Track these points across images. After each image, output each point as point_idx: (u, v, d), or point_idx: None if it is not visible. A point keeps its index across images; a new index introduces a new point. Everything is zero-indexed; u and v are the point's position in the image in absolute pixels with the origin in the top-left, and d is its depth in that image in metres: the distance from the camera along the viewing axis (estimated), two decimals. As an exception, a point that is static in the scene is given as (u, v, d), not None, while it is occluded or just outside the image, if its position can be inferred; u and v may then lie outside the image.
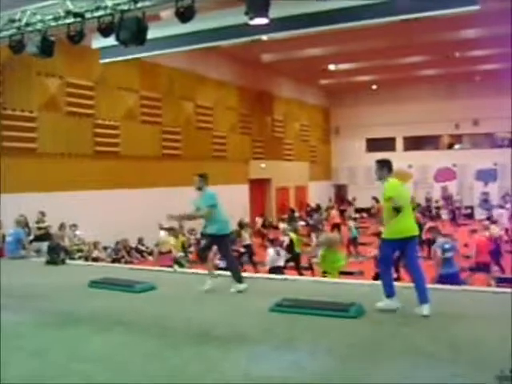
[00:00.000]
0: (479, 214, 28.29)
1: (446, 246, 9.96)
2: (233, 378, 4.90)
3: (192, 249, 18.48)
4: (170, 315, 7.24)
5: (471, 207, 30.08)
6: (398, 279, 11.14)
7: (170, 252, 13.84)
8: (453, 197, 30.46)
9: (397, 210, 6.66)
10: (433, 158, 32.39)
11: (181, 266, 13.87)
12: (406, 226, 6.85)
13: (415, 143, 33.95)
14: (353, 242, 18.66)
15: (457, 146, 33.82)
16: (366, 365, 5.12)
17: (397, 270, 11.63)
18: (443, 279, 9.49)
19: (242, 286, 8.53)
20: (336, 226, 21.10)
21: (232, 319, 6.98)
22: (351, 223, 19.42)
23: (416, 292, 6.71)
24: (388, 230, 6.93)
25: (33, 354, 5.71)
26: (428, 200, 31.05)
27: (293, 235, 15.31)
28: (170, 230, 15.60)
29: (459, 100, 31.01)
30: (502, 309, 6.70)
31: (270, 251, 12.89)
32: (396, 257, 8.33)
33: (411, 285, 7.01)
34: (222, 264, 10.98)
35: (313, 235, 17.44)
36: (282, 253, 13.11)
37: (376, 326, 6.37)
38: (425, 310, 6.60)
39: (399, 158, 33.31)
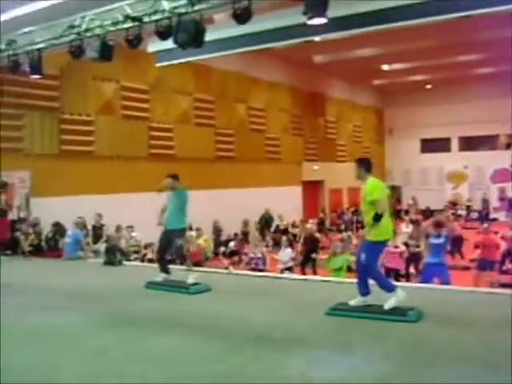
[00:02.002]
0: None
1: (435, 237, 10.43)
2: (291, 380, 4.87)
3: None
4: (226, 317, 7.24)
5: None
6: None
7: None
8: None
9: (378, 218, 6.61)
10: (489, 159, 31.64)
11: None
12: (390, 227, 7.02)
13: (471, 143, 33.22)
14: None
15: (514, 146, 32.98)
16: (423, 370, 5.01)
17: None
18: (427, 268, 10.32)
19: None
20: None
21: (288, 321, 6.94)
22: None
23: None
24: (376, 231, 6.74)
25: (91, 354, 5.79)
26: (485, 201, 30.39)
27: None
28: (197, 229, 15.96)
29: (516, 99, 30.23)
30: None
31: None
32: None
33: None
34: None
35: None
36: None
37: (435, 332, 6.24)
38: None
39: (455, 159, 32.95)
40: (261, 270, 13.44)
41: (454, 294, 8.41)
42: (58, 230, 14.18)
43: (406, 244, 13.60)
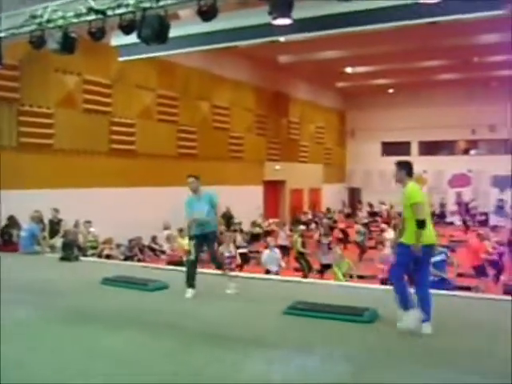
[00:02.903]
0: (495, 220, 28.05)
1: None
2: (249, 380, 4.89)
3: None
4: (184, 315, 7.22)
5: (486, 214, 29.82)
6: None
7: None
8: (469, 203, 30.25)
9: (421, 224, 6.12)
10: (448, 164, 32.18)
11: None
12: (433, 231, 6.43)
13: (430, 148, 33.74)
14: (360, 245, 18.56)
15: (472, 152, 33.57)
16: (380, 370, 5.08)
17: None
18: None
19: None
20: (341, 231, 21.01)
21: (246, 321, 6.95)
22: (358, 227, 19.40)
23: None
24: (409, 234, 6.27)
25: (46, 350, 5.72)
26: (442, 206, 30.89)
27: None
28: (180, 230, 15.76)
29: (476, 105, 30.76)
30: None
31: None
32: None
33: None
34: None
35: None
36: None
37: (390, 332, 6.31)
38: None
39: (414, 163, 33.26)
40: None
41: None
42: (12, 223, 13.94)
43: None
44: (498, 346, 5.73)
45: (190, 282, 8.42)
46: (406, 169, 6.58)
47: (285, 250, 16.98)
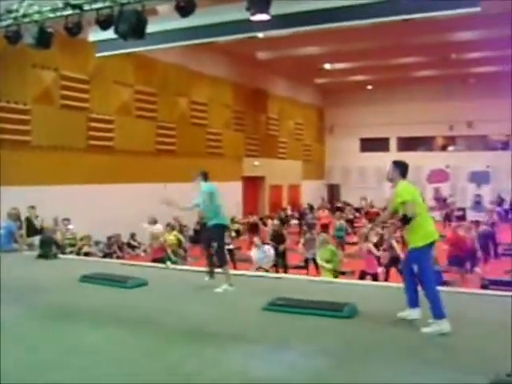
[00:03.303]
0: (472, 216, 28.32)
1: None
2: (228, 376, 4.88)
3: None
4: (163, 311, 7.20)
5: (463, 209, 30.08)
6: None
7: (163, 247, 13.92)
8: (447, 199, 30.47)
9: (406, 220, 6.21)
10: (426, 159, 32.37)
11: (173, 262, 13.77)
12: (432, 228, 6.43)
13: (409, 144, 33.93)
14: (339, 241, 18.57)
15: (450, 148, 33.91)
16: (359, 365, 5.11)
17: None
18: None
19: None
20: (325, 226, 21.05)
21: (225, 317, 6.95)
22: (338, 222, 19.43)
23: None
24: (416, 236, 6.28)
25: (24, 347, 5.67)
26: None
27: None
28: (168, 225, 15.65)
29: (454, 102, 31.03)
30: (499, 312, 6.70)
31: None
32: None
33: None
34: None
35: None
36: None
37: (369, 327, 6.35)
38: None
39: (393, 158, 33.48)
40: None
41: (388, 291, 8.57)
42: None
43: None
44: (473, 338, 5.79)
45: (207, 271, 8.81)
46: (400, 168, 6.60)
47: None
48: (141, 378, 4.87)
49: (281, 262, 14.38)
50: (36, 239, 13.41)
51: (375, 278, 11.86)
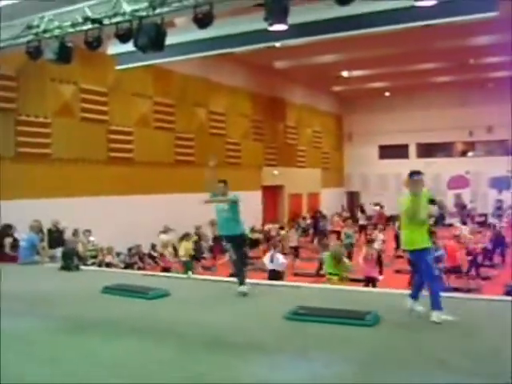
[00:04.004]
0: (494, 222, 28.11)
1: None
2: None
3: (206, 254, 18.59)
4: (184, 322, 7.21)
5: (485, 215, 29.84)
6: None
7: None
8: (467, 205, 30.23)
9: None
10: (446, 166, 32.20)
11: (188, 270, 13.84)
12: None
13: (428, 150, 33.77)
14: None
15: (470, 154, 33.62)
16: (382, 374, 5.08)
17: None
18: None
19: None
20: (336, 233, 21.04)
21: (247, 326, 6.94)
22: (346, 230, 19.51)
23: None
24: (426, 238, 7.06)
25: (47, 360, 5.70)
26: (441, 208, 30.82)
27: None
28: (186, 235, 15.71)
29: (473, 107, 30.84)
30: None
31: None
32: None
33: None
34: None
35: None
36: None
37: (392, 335, 6.32)
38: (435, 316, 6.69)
39: (412, 165, 33.34)
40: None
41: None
42: (5, 232, 13.83)
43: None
44: (501, 347, 5.73)
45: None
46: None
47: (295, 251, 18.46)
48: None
49: None
50: (58, 251, 13.53)
51: (374, 282, 12.45)
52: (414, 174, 7.44)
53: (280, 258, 13.26)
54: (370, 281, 12.55)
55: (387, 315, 6.92)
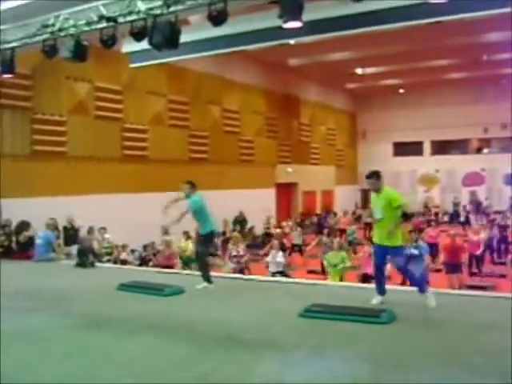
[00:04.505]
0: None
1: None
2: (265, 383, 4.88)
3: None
4: (199, 319, 7.21)
5: (500, 212, 29.63)
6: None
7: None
8: (482, 202, 30.06)
9: (407, 216, 7.12)
10: (461, 163, 32.04)
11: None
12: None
13: (443, 147, 33.64)
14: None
15: (485, 150, 33.40)
16: (398, 372, 5.06)
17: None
18: None
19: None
20: (341, 231, 21.04)
21: (261, 324, 6.94)
22: (351, 227, 19.60)
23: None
24: (399, 236, 7.44)
25: (62, 356, 5.73)
26: (456, 205, 30.74)
27: None
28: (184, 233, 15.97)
29: (487, 103, 30.63)
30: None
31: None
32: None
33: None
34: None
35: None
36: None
37: (408, 333, 6.31)
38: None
39: (427, 162, 33.29)
40: (242, 270, 13.44)
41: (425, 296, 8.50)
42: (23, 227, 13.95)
43: None
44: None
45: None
46: (380, 177, 7.84)
47: (298, 248, 18.74)
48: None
49: None
50: (73, 248, 13.62)
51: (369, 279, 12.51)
52: (366, 176, 7.93)
53: (278, 256, 13.25)
54: (367, 277, 12.58)
55: (403, 313, 6.91)
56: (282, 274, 12.91)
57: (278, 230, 18.80)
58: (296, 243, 19.11)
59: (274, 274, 12.75)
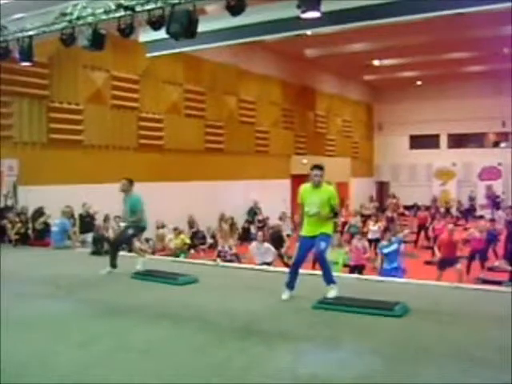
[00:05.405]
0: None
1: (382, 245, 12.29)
2: (277, 374, 4.88)
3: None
4: (214, 308, 7.24)
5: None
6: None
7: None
8: (499, 196, 29.77)
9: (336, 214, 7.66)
10: (478, 156, 31.79)
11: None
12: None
13: (460, 141, 33.39)
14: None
15: (503, 145, 33.03)
16: (410, 365, 5.05)
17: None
18: (383, 274, 11.29)
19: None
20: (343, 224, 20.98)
21: (275, 314, 6.96)
22: (352, 220, 19.53)
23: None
24: (331, 227, 7.63)
25: (77, 343, 5.78)
26: (472, 199, 30.52)
27: None
28: (175, 229, 16.43)
29: (506, 97, 30.20)
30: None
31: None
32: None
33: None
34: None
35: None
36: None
37: (421, 326, 6.29)
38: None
39: (443, 156, 33.08)
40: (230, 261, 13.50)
41: (439, 290, 8.49)
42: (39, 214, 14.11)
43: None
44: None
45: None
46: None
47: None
48: (189, 375, 4.89)
49: None
50: (89, 236, 13.71)
51: (361, 270, 13.05)
52: (317, 167, 8.15)
53: (264, 246, 13.27)
54: (357, 268, 13.03)
55: (416, 306, 6.89)
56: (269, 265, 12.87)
57: (280, 223, 18.77)
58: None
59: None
